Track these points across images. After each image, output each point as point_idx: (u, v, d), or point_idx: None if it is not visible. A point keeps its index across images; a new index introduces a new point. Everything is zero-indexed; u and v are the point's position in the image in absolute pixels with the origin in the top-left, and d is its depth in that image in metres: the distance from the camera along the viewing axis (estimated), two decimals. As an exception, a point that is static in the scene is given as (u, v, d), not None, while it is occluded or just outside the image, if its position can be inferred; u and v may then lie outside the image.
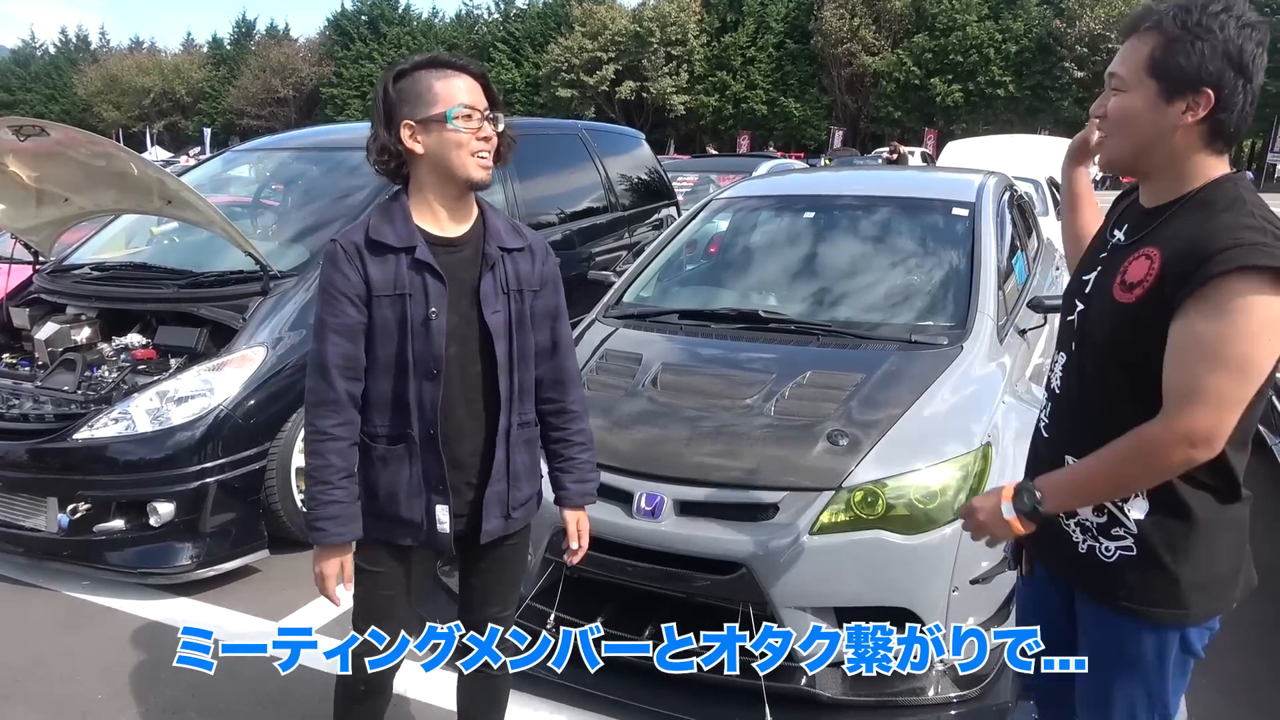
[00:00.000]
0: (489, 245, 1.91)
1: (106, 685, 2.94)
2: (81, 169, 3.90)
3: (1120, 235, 1.59)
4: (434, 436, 1.88)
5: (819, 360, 3.17)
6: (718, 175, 10.61)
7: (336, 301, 1.83)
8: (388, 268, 1.83)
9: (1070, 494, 1.54)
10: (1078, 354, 1.61)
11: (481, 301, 1.88)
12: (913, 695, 2.55)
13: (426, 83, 1.82)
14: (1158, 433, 1.42)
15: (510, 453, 1.98)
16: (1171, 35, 1.41)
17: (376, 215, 1.89)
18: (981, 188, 4.10)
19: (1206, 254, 1.36)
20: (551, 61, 49.20)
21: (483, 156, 1.84)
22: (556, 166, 6.00)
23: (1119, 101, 1.49)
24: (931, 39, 43.32)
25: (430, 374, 1.85)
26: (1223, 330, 1.35)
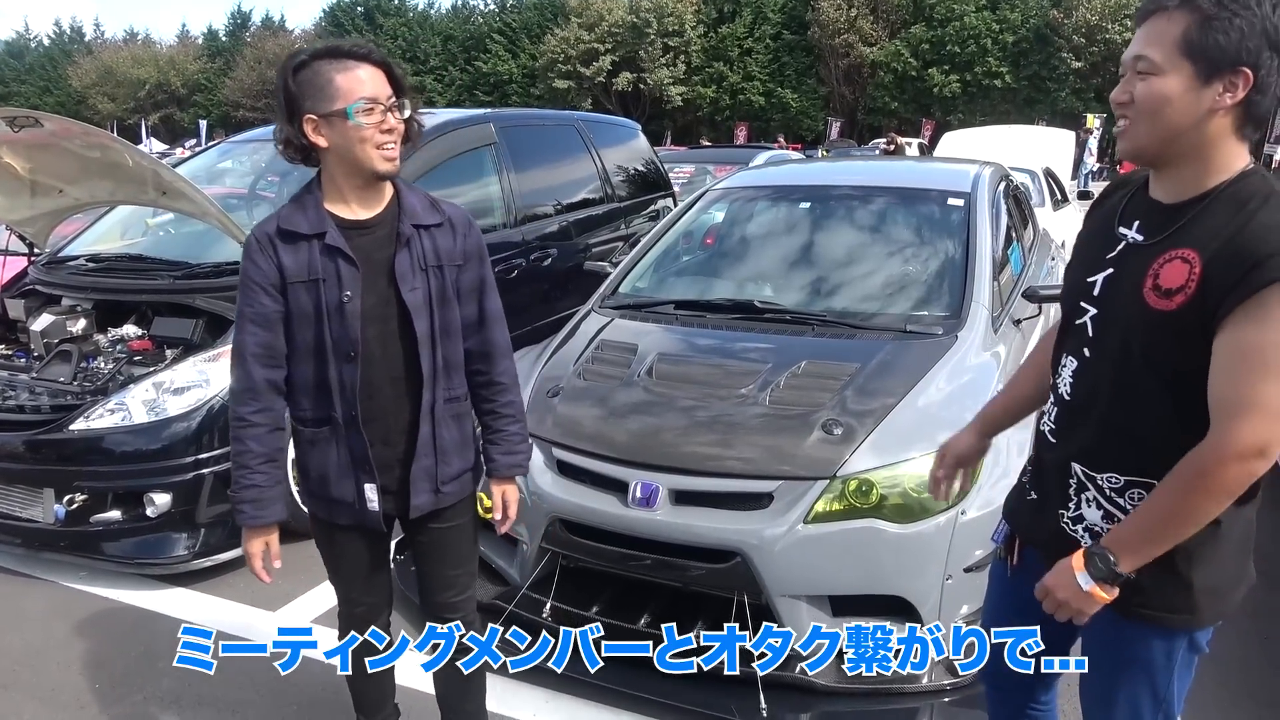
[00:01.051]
0: (403, 224, 1.92)
1: (103, 675, 2.95)
2: (76, 160, 3.89)
3: (1135, 234, 1.48)
4: (355, 418, 1.93)
5: (814, 350, 3.18)
6: (715, 166, 10.60)
7: (252, 292, 1.87)
8: (300, 255, 1.86)
9: (1142, 544, 1.41)
10: (1094, 360, 1.52)
11: (398, 279, 1.90)
12: (906, 682, 2.57)
13: (327, 75, 1.82)
14: (1212, 454, 1.34)
15: (436, 428, 2.01)
16: (1207, 12, 1.32)
17: (289, 205, 1.93)
18: (977, 178, 4.11)
19: (1255, 259, 1.29)
20: (548, 53, 49.04)
21: (387, 148, 1.85)
22: (553, 158, 5.99)
23: (1150, 86, 1.37)
24: (929, 29, 43.25)
25: (348, 356, 1.89)
26: (1274, 338, 1.29)
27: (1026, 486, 1.75)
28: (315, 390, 1.93)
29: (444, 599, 2.18)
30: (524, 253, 5.12)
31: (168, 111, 58.74)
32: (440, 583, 2.18)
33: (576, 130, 6.34)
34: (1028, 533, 1.74)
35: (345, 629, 2.24)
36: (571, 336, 3.60)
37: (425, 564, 2.20)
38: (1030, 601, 1.59)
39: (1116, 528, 1.47)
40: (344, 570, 2.18)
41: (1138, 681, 1.56)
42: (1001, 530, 1.82)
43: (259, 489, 1.93)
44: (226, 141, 5.71)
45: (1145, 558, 1.41)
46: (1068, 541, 1.58)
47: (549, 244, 5.37)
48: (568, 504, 2.79)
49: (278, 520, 1.99)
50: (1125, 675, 1.58)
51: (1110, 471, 1.51)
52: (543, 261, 5.26)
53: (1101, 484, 1.53)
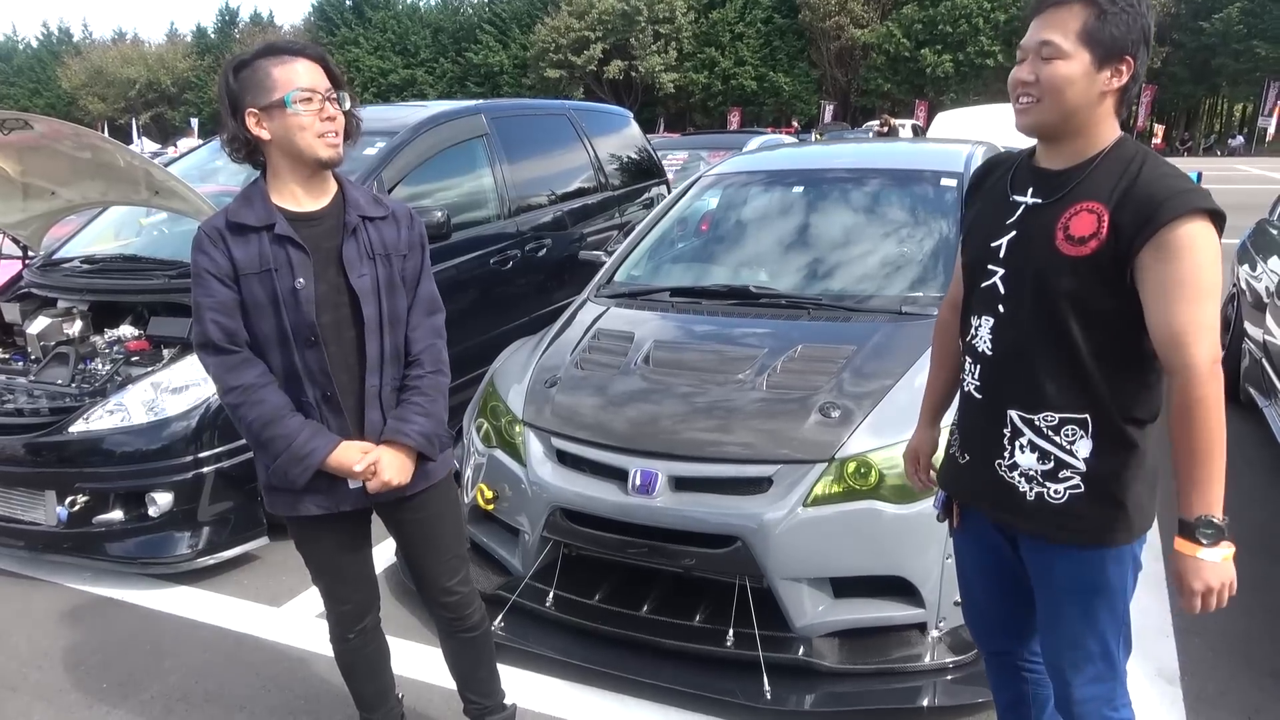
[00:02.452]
0: (349, 214, 1.98)
1: (111, 674, 2.97)
2: (67, 162, 3.88)
3: (1031, 198, 1.67)
4: (331, 398, 1.97)
5: (810, 334, 3.18)
6: (708, 152, 10.57)
7: (207, 282, 1.90)
8: (250, 247, 1.90)
9: (1211, 487, 1.53)
10: (1010, 314, 1.68)
11: (346, 266, 1.95)
12: (909, 662, 2.58)
13: (265, 70, 1.88)
14: (1194, 383, 1.50)
15: (385, 413, 2.03)
16: (1104, 8, 1.53)
17: (236, 200, 1.96)
18: (969, 158, 4.11)
19: (1156, 201, 1.50)
20: (539, 42, 48.88)
21: (329, 137, 1.90)
22: (546, 148, 5.97)
23: (1055, 69, 1.56)
24: (920, 10, 43.12)
25: (309, 341, 1.93)
26: (1186, 265, 1.49)
27: (956, 455, 1.87)
28: (285, 378, 1.96)
29: (440, 584, 2.21)
30: (518, 244, 5.11)
31: (159, 110, 58.57)
32: (431, 570, 2.21)
33: (568, 119, 6.32)
34: (968, 496, 1.87)
35: (336, 630, 2.24)
36: (568, 326, 3.60)
37: (412, 554, 2.22)
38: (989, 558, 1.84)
39: (1181, 498, 1.55)
40: (325, 568, 2.17)
41: (1099, 607, 1.70)
42: (940, 498, 1.96)
43: (307, 425, 1.94)
44: (216, 140, 5.68)
45: (1219, 495, 1.54)
46: (1006, 490, 1.72)
47: (543, 234, 5.37)
48: (568, 493, 2.80)
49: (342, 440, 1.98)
50: (1087, 604, 1.70)
51: (1045, 411, 1.66)
52: (537, 252, 5.25)
53: (1039, 424, 1.67)
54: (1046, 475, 1.68)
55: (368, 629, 2.26)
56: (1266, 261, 4.80)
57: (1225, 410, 1.53)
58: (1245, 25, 38.03)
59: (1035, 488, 1.69)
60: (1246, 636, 2.94)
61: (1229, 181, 21.22)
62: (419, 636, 3.02)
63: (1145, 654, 2.81)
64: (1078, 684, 1.75)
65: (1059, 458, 1.66)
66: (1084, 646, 1.73)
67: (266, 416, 1.92)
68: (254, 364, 1.94)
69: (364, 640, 2.26)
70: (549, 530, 2.84)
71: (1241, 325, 4.94)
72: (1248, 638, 2.94)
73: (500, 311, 4.89)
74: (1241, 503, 3.93)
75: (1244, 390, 4.84)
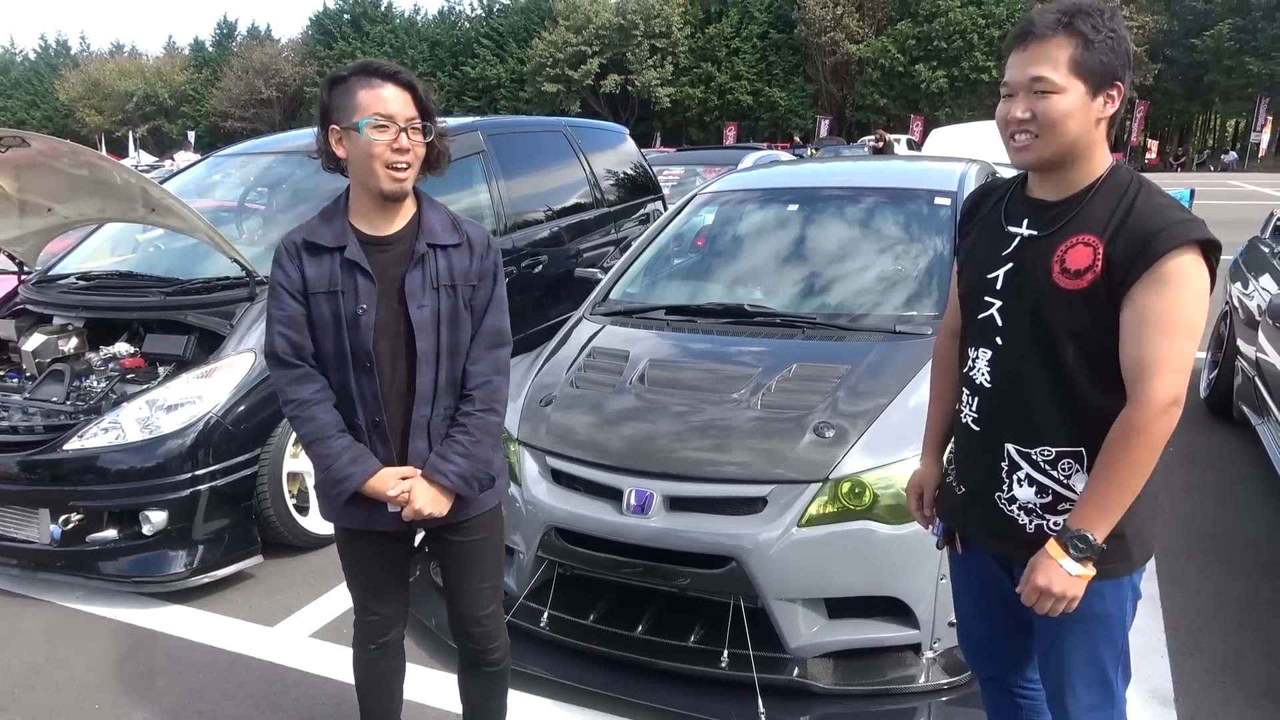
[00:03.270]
0: (419, 242, 1.97)
1: (103, 695, 2.95)
2: (64, 179, 3.89)
3: (1027, 230, 1.66)
4: (380, 424, 1.98)
5: (805, 353, 3.19)
6: (704, 168, 10.60)
7: (280, 296, 1.95)
8: (323, 266, 1.94)
9: (1108, 512, 1.55)
10: (1008, 346, 1.67)
11: (406, 297, 1.95)
12: (904, 683, 2.58)
13: (353, 90, 1.89)
14: (1142, 414, 1.51)
15: (432, 444, 2.03)
16: (1090, 37, 1.53)
17: (318, 216, 2.00)
18: (963, 176, 4.13)
19: (1148, 236, 1.50)
20: (536, 56, 49.07)
21: (397, 168, 1.88)
22: (542, 164, 6.00)
23: (1053, 103, 1.55)
24: (915, 25, 43.39)
25: (365, 367, 1.95)
26: (1170, 302, 1.49)
27: (954, 484, 1.86)
28: (340, 398, 1.98)
29: (470, 612, 2.20)
30: (515, 260, 5.13)
31: (156, 123, 58.66)
32: (465, 596, 2.20)
33: (565, 136, 6.35)
34: (966, 527, 1.86)
35: (359, 638, 2.26)
36: (563, 344, 3.61)
37: (450, 577, 2.21)
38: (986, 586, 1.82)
39: (1077, 507, 1.59)
40: (361, 578, 2.19)
41: (1098, 636, 1.69)
42: (939, 526, 1.96)
43: (350, 448, 1.96)
44: (215, 155, 5.69)
45: (1111, 523, 1.56)
46: (1005, 523, 1.71)
47: (539, 251, 5.38)
48: (563, 512, 2.80)
49: (380, 468, 1.98)
50: (1086, 633, 1.69)
51: (1043, 445, 1.65)
52: (534, 269, 5.27)
53: (1035, 459, 1.66)
54: (1045, 508, 1.67)
55: (390, 643, 2.26)
56: (1259, 279, 4.82)
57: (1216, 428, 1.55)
58: (1237, 42, 38.33)
59: (1035, 520, 1.68)
60: (1240, 656, 2.94)
61: (1222, 197, 21.34)
62: (421, 660, 3.01)
63: (1140, 675, 2.80)
64: (1076, 712, 1.74)
65: (1057, 491, 1.65)
66: (1083, 675, 1.73)
67: (315, 434, 1.95)
68: (313, 380, 1.96)
69: (384, 653, 2.27)
70: (544, 550, 2.84)
71: (1234, 343, 4.96)
72: (1241, 657, 2.94)
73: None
74: (1234, 520, 3.94)
75: (1237, 408, 4.85)
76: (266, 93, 54.92)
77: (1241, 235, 5.98)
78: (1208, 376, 5.41)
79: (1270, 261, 4.88)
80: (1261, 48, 37.82)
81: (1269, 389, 4.18)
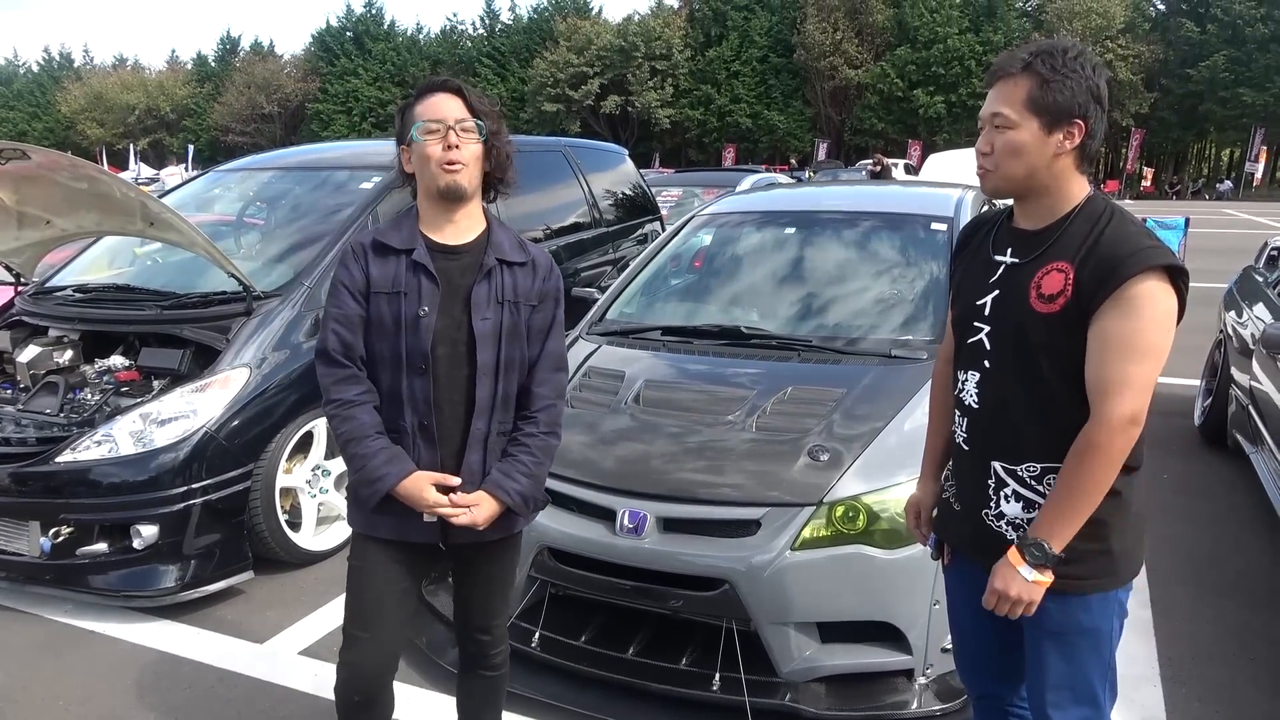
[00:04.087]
0: (488, 256, 2.01)
1: (91, 710, 2.93)
2: (63, 192, 3.90)
3: (1010, 258, 1.75)
4: (428, 427, 1.98)
5: (801, 376, 3.20)
6: (702, 190, 10.66)
7: (340, 294, 1.98)
8: (389, 267, 1.97)
9: (1065, 524, 1.62)
10: (994, 369, 1.75)
11: (472, 307, 1.97)
12: (896, 709, 2.57)
13: (411, 109, 1.98)
14: (1100, 431, 1.58)
15: (487, 457, 2.03)
16: (1046, 77, 1.62)
17: (389, 222, 2.06)
18: (960, 202, 4.16)
19: (1115, 260, 1.58)
20: (537, 76, 49.39)
21: (449, 165, 1.92)
22: (541, 183, 6.02)
23: (1007, 137, 1.66)
24: (914, 51, 43.78)
25: (419, 369, 1.95)
26: (1134, 325, 1.56)
27: (950, 500, 1.93)
28: (388, 399, 1.99)
29: (481, 623, 2.20)
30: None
31: (157, 136, 58.82)
32: (479, 608, 2.19)
33: (564, 156, 6.38)
34: (958, 540, 1.92)
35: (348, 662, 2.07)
36: (559, 363, 3.60)
37: (469, 590, 2.19)
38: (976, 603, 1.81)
39: (1037, 518, 1.67)
40: (369, 595, 2.05)
41: (1086, 650, 1.74)
42: (932, 539, 2.04)
43: (386, 449, 1.95)
44: (215, 170, 5.71)
45: (1069, 534, 1.63)
46: (994, 538, 1.77)
47: (537, 269, 5.38)
48: (556, 532, 2.79)
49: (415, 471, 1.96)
50: (1074, 647, 1.75)
51: (1028, 462, 1.72)
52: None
53: (1021, 475, 1.73)
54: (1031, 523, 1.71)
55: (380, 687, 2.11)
56: (1252, 308, 4.85)
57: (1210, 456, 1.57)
58: (1232, 73, 38.71)
59: (1020, 535, 1.72)
60: (1232, 685, 2.93)
61: (1217, 226, 21.46)
62: (413, 680, 2.99)
63: (1131, 702, 2.80)
64: None
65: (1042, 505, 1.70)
66: (1069, 690, 1.76)
67: (354, 433, 1.95)
68: (358, 382, 1.97)
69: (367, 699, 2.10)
70: (536, 569, 2.83)
71: (1228, 372, 4.98)
72: (1233, 687, 2.93)
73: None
74: (1228, 550, 3.94)
75: (1231, 436, 4.86)
76: (268, 108, 55.17)
77: (1236, 264, 6.01)
78: (1202, 405, 5.42)
79: (1264, 290, 4.91)
80: (1256, 79, 38.19)
81: (1263, 418, 4.19)
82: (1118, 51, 39.82)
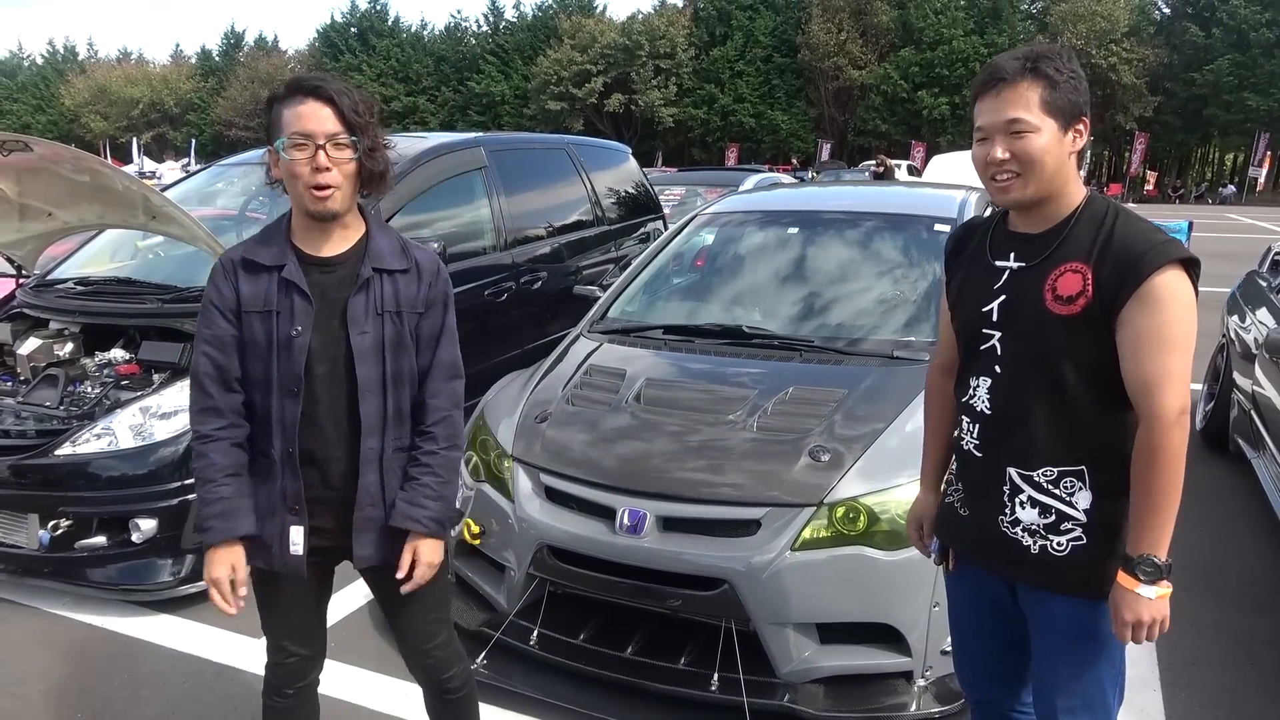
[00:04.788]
0: (364, 266, 1.88)
1: (87, 703, 2.92)
2: (65, 184, 3.89)
3: (1015, 263, 1.73)
4: (292, 455, 1.87)
5: (802, 376, 3.19)
6: (705, 189, 10.65)
7: (211, 315, 1.88)
8: (259, 284, 1.86)
9: (1160, 530, 1.60)
10: (1007, 373, 1.73)
11: (349, 323, 1.86)
12: (894, 711, 2.56)
13: (278, 109, 1.82)
14: (1157, 431, 1.58)
15: (385, 477, 1.93)
16: (1055, 79, 1.63)
17: (258, 235, 1.94)
18: (963, 203, 4.15)
19: (1135, 256, 1.58)
20: (541, 74, 49.34)
21: (319, 187, 1.79)
22: (544, 181, 6.01)
23: (1029, 142, 1.63)
24: (918, 53, 43.75)
25: (291, 392, 1.85)
26: (1163, 318, 1.56)
27: (956, 506, 1.89)
28: (260, 424, 1.89)
29: (422, 647, 2.11)
30: (514, 275, 5.13)
31: (160, 130, 58.81)
32: (414, 634, 2.11)
33: (567, 154, 6.37)
34: (966, 548, 1.89)
35: (273, 685, 2.10)
36: (560, 361, 3.60)
37: (396, 615, 2.10)
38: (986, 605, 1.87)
39: (1131, 537, 1.62)
40: (275, 617, 2.05)
41: (1098, 656, 1.73)
42: (935, 544, 2.01)
43: (226, 500, 1.85)
44: (217, 165, 5.70)
45: (1167, 538, 1.61)
46: (1009, 545, 1.76)
47: (539, 267, 5.38)
48: (555, 530, 2.79)
49: (246, 534, 1.88)
50: (1086, 654, 1.73)
51: (1044, 466, 1.70)
52: (533, 285, 5.27)
53: (1038, 480, 1.71)
54: (1049, 528, 1.71)
55: (307, 688, 2.13)
56: (1255, 313, 4.83)
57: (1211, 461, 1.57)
58: (1236, 77, 38.68)
59: (1039, 541, 1.72)
60: (1232, 691, 2.93)
61: (1221, 230, 21.45)
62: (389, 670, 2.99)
63: (1131, 706, 2.79)
64: None
65: (1060, 510, 1.70)
66: (1080, 695, 1.75)
67: (202, 473, 1.87)
68: (218, 415, 1.87)
69: (300, 700, 2.12)
70: (535, 567, 2.82)
71: (1230, 376, 4.96)
72: (1234, 692, 2.92)
73: (494, 343, 4.89)
74: (1228, 554, 3.93)
75: (1233, 441, 4.85)
76: (271, 103, 55.11)
77: (1239, 269, 6.00)
78: (1204, 409, 5.41)
79: (1267, 295, 4.89)
80: (1260, 83, 38.15)
81: (1265, 423, 4.18)
82: (1122, 55, 39.79)
